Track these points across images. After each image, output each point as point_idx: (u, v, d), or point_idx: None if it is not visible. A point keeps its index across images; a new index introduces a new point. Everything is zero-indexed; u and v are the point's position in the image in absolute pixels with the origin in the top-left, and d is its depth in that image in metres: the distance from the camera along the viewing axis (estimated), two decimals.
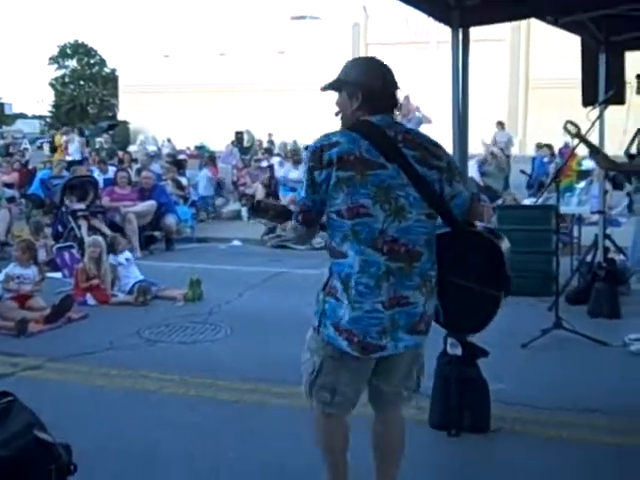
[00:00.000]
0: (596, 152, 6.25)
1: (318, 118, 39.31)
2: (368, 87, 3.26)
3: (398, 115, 11.70)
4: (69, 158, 22.54)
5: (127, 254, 9.46)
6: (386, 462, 3.62)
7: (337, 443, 3.53)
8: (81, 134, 26.27)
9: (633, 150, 6.57)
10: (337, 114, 3.40)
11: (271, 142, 26.40)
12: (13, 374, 6.12)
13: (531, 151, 25.51)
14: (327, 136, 3.22)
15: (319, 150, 3.17)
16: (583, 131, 6.17)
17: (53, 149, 25.28)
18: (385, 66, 3.33)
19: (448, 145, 5.20)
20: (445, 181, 3.27)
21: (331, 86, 3.40)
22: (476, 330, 3.69)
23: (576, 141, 6.24)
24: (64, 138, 26.17)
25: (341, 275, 3.18)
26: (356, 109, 3.28)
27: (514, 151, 25.48)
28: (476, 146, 15.56)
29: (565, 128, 6.06)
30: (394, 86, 3.33)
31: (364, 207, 3.11)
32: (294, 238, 3.52)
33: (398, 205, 3.16)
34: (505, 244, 3.46)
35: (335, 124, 3.44)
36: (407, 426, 3.71)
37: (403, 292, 3.18)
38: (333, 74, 3.39)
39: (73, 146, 25.17)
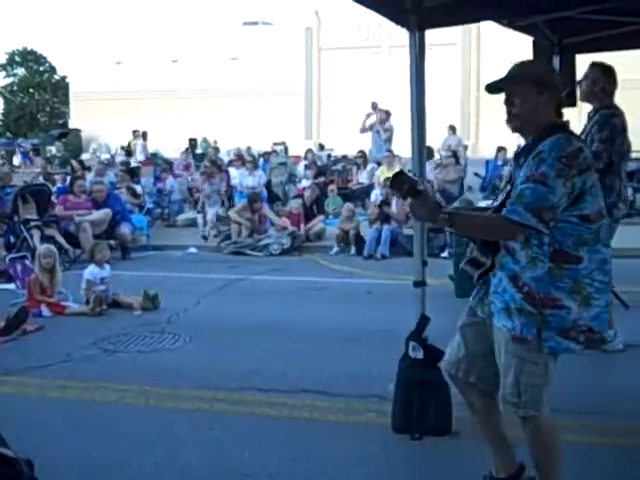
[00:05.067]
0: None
1: (271, 124, 39.39)
2: (557, 86, 3.44)
3: (377, 124, 11.71)
4: (140, 158, 24.28)
5: (108, 270, 9.13)
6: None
7: (560, 446, 3.55)
8: (144, 138, 27.09)
9: None
10: (516, 115, 3.42)
11: (216, 149, 26.38)
12: None
13: (484, 154, 25.78)
14: (569, 140, 3.26)
15: (574, 156, 3.20)
16: None
17: (128, 153, 26.50)
18: None
19: (406, 148, 5.24)
20: None
21: (504, 83, 3.46)
22: None
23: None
24: (134, 142, 27.35)
25: (576, 279, 3.27)
26: (544, 107, 3.36)
27: (467, 154, 25.71)
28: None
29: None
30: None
31: (603, 209, 3.32)
32: (484, 233, 3.48)
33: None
34: None
35: (286, 128, 3.43)
36: (368, 431, 3.71)
37: None
38: (286, 79, 3.39)
39: (138, 149, 26.37)
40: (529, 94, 3.34)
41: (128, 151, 26.93)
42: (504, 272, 3.37)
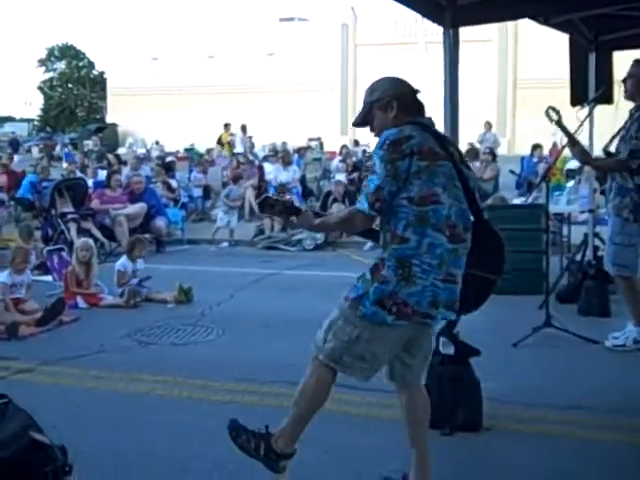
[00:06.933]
0: (573, 144, 6.32)
1: (307, 119, 39.41)
2: (399, 94, 3.65)
3: None
4: (240, 150, 24.97)
5: (141, 263, 9.31)
6: (424, 429, 3.94)
7: (321, 403, 3.85)
8: (243, 131, 27.94)
9: (612, 149, 6.58)
10: (376, 135, 3.70)
11: (251, 145, 26.52)
12: (4, 378, 6.10)
13: (520, 151, 25.60)
14: (400, 130, 3.49)
15: (398, 142, 3.43)
16: (571, 128, 6.22)
17: (222, 146, 27.35)
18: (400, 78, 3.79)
19: None
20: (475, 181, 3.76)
21: (363, 114, 3.80)
22: (475, 309, 3.88)
23: (560, 134, 6.32)
24: (226, 134, 27.99)
25: (401, 258, 3.45)
26: (394, 116, 3.61)
27: (502, 151, 25.53)
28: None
29: (547, 113, 6.13)
30: (417, 91, 3.72)
31: (436, 195, 3.44)
32: (342, 227, 4.01)
33: (457, 194, 3.53)
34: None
35: (322, 124, 3.54)
36: (399, 426, 3.73)
37: (453, 271, 3.51)
38: (322, 75, 3.51)
39: (238, 141, 27.18)
40: (379, 115, 3.71)
41: (221, 143, 27.46)
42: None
